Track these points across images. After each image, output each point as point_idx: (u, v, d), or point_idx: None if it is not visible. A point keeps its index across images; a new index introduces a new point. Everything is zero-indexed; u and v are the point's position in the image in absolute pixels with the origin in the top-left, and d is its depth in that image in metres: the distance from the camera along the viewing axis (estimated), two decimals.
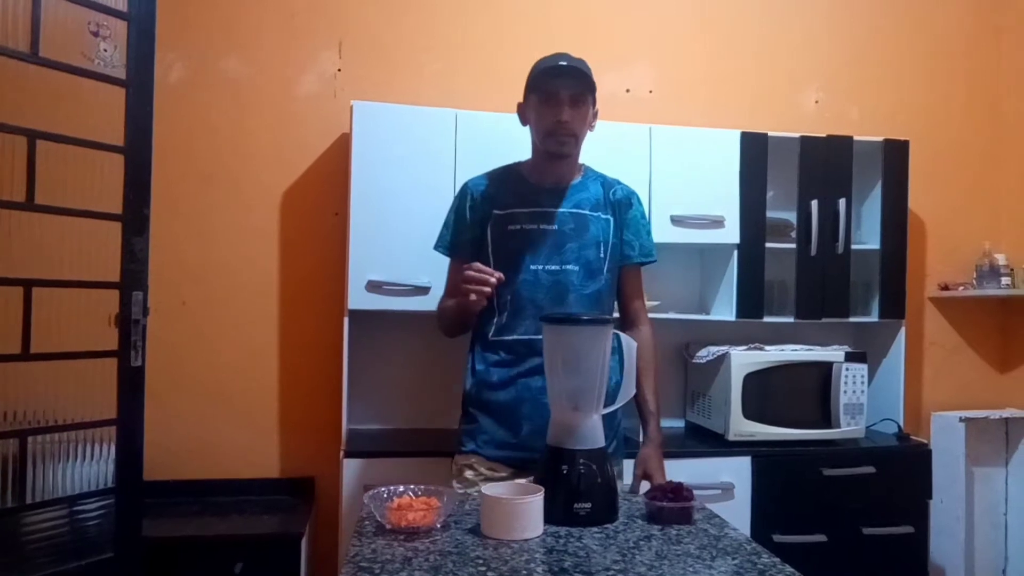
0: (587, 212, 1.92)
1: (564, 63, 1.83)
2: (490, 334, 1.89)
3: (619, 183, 2.02)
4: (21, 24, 1.95)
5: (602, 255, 1.91)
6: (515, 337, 1.87)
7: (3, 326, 1.95)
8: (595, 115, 1.92)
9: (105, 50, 2.12)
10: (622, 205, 1.98)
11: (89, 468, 2.11)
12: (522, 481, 1.59)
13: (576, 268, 1.87)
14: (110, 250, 2.10)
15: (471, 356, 1.96)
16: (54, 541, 2.07)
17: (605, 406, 1.62)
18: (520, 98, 1.95)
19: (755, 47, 3.27)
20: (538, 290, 1.85)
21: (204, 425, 2.81)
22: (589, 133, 1.93)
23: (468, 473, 1.87)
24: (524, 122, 1.95)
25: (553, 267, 1.86)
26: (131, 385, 2.14)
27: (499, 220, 1.90)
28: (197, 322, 2.83)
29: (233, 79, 2.89)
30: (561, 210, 1.90)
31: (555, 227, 1.88)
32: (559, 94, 1.82)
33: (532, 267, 1.86)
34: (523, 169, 1.96)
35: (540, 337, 1.78)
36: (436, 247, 2.00)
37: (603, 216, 1.94)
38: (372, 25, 2.98)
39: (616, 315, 2.03)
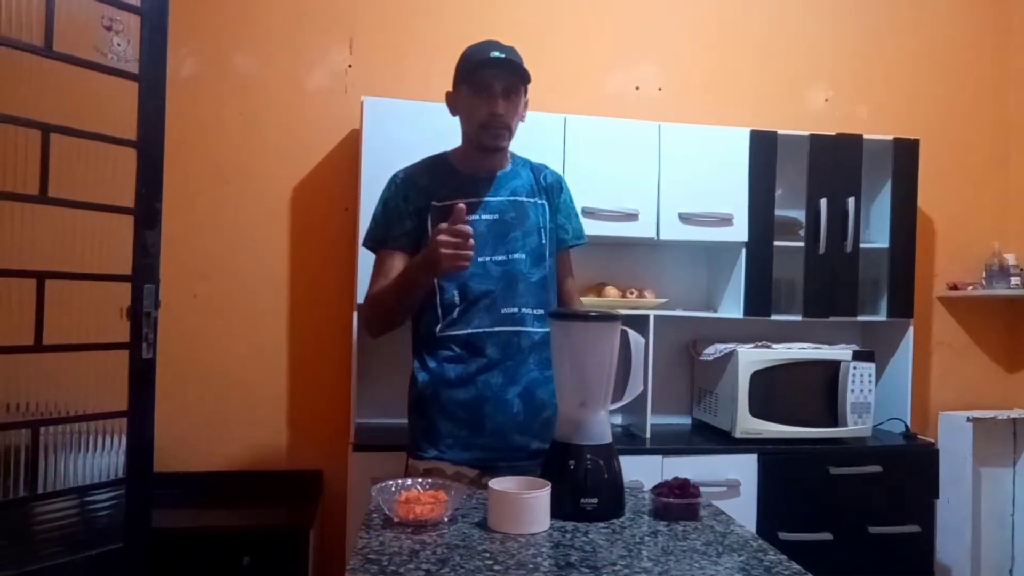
0: (524, 199, 1.88)
1: (498, 54, 1.76)
2: (438, 330, 1.82)
3: (547, 167, 1.99)
4: (35, 19, 1.96)
5: (544, 240, 1.87)
6: (470, 331, 1.80)
7: (16, 318, 1.97)
8: (526, 105, 1.86)
9: (118, 45, 2.13)
10: (553, 189, 1.95)
11: (100, 459, 2.13)
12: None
13: (523, 256, 1.83)
14: (122, 243, 2.12)
15: (417, 355, 1.87)
16: (64, 531, 2.09)
17: (612, 402, 1.63)
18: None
19: (764, 45, 3.27)
20: (488, 281, 1.80)
21: (213, 418, 2.83)
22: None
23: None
24: (454, 112, 1.88)
25: (500, 257, 1.81)
26: (142, 377, 2.16)
27: (439, 212, 1.79)
28: (208, 315, 2.85)
29: (244, 74, 2.91)
30: (500, 198, 1.86)
31: (496, 216, 1.83)
32: (492, 86, 1.77)
33: (480, 259, 1.76)
34: (453, 159, 1.90)
35: (495, 329, 1.79)
36: (366, 243, 1.91)
37: (539, 201, 1.90)
38: (383, 20, 2.99)
39: (620, 312, 2.02)
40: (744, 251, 2.87)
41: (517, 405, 1.80)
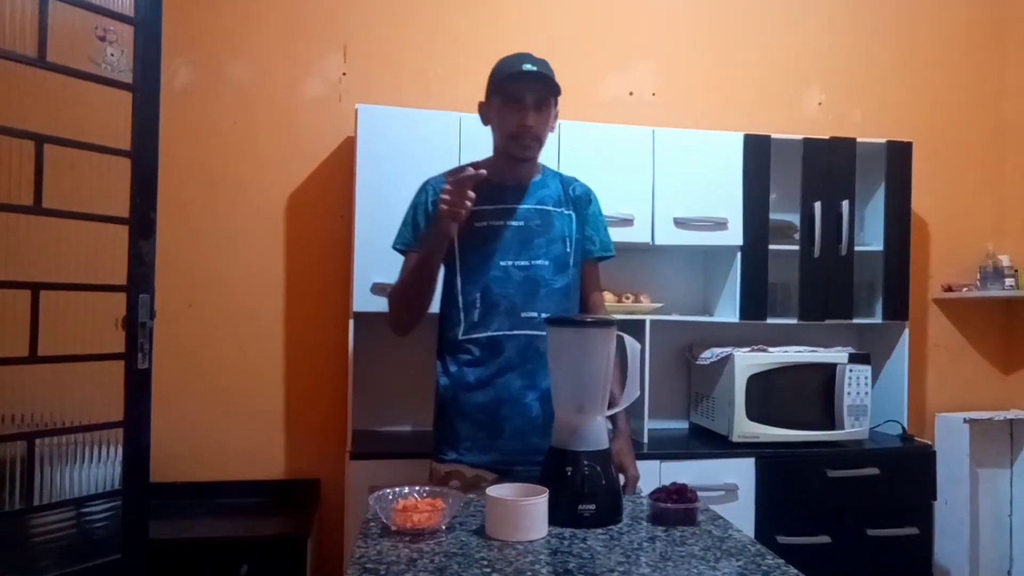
0: (551, 208, 1.91)
1: (530, 67, 1.80)
2: (460, 333, 1.86)
3: (576, 180, 2.02)
4: (29, 29, 1.96)
5: (568, 249, 1.91)
6: (488, 334, 1.83)
7: (11, 329, 1.97)
8: (556, 116, 1.91)
9: (112, 55, 2.13)
10: (581, 201, 1.98)
11: (96, 470, 2.12)
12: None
13: (546, 263, 1.87)
14: (117, 253, 2.11)
15: (441, 360, 1.92)
16: (61, 543, 2.08)
17: (609, 407, 1.63)
18: None
19: (758, 49, 3.28)
20: (509, 286, 1.84)
21: (210, 427, 2.83)
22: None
23: (454, 483, 1.83)
24: (485, 122, 1.92)
25: (523, 262, 1.85)
26: (138, 387, 2.15)
27: (468, 218, 1.80)
28: (203, 325, 2.85)
29: (238, 83, 2.91)
30: (526, 206, 1.89)
31: (522, 223, 1.87)
32: (524, 98, 1.80)
33: (502, 263, 1.84)
34: (484, 167, 1.89)
35: (516, 333, 1.81)
36: (395, 245, 1.93)
37: (566, 212, 1.94)
38: (377, 29, 2.99)
39: (616, 317, 2.02)
40: (739, 255, 2.88)
41: (536, 408, 1.82)
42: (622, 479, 1.87)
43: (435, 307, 1.92)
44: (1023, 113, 3.41)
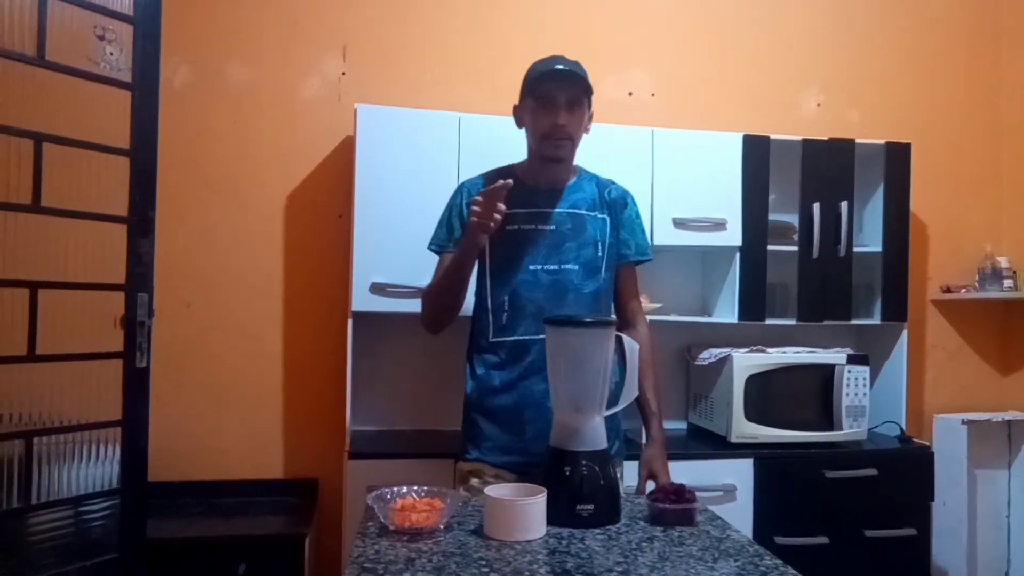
0: (584, 212, 1.92)
1: (561, 67, 1.81)
2: (489, 335, 1.88)
3: (613, 183, 2.02)
4: (27, 28, 1.96)
5: (600, 254, 1.91)
6: (515, 338, 1.85)
7: (9, 328, 1.97)
8: (590, 118, 1.92)
9: (111, 54, 2.13)
10: (617, 205, 1.98)
11: (94, 469, 2.12)
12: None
13: (576, 267, 1.87)
14: (115, 252, 2.12)
15: (470, 361, 1.95)
16: (59, 542, 2.08)
17: (608, 408, 1.63)
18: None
19: (757, 50, 3.28)
20: (537, 290, 1.85)
21: (208, 426, 2.83)
22: (585, 136, 1.92)
23: (474, 481, 1.85)
24: (520, 125, 1.93)
25: (552, 267, 1.86)
26: (136, 386, 2.15)
27: (502, 221, 1.85)
28: (202, 324, 2.84)
29: (237, 83, 2.91)
30: (558, 210, 1.90)
31: (553, 227, 1.88)
32: (556, 98, 1.81)
33: (531, 267, 1.85)
34: (518, 171, 1.94)
35: (541, 337, 1.78)
36: (431, 246, 1.96)
37: (599, 216, 1.94)
38: (376, 29, 2.99)
39: (614, 316, 2.03)
40: (738, 256, 2.88)
41: None
42: (652, 485, 1.87)
43: (467, 310, 1.95)
44: (1021, 114, 3.42)
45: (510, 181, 1.68)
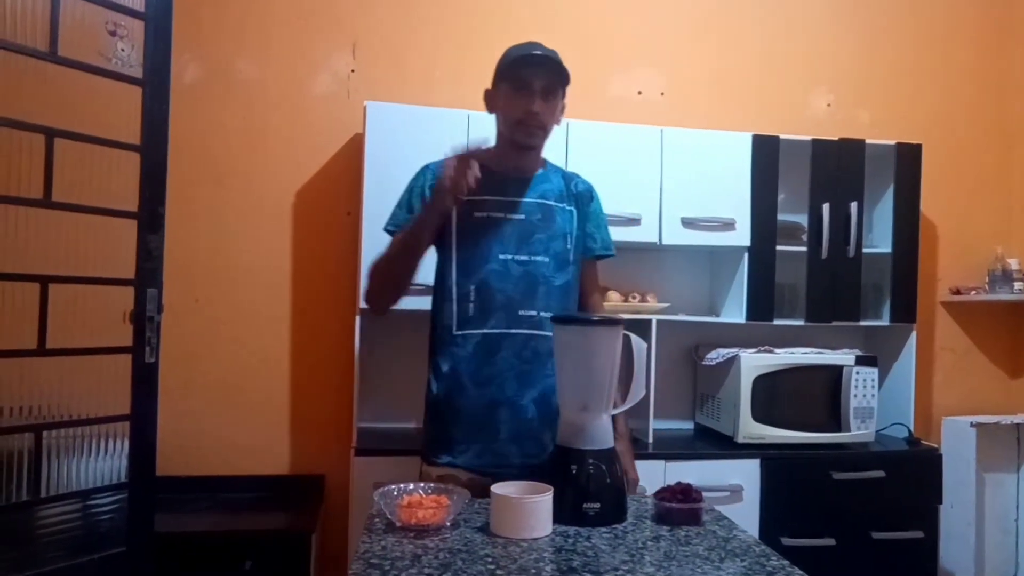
0: (553, 203, 1.87)
1: (538, 52, 1.77)
2: (453, 327, 1.80)
3: (578, 176, 1.98)
4: (40, 24, 1.97)
5: (568, 246, 1.86)
6: (485, 331, 1.78)
7: (20, 322, 1.98)
8: (563, 109, 1.86)
9: (122, 49, 2.14)
10: (583, 198, 1.94)
11: (103, 463, 2.13)
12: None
13: (547, 259, 1.82)
14: (126, 247, 2.12)
15: (433, 357, 1.87)
16: (67, 535, 2.09)
17: (614, 407, 1.63)
18: None
19: (767, 50, 3.27)
20: (508, 280, 1.78)
21: (216, 421, 2.84)
22: (564, 127, 1.88)
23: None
24: (491, 110, 1.88)
25: (523, 257, 1.80)
26: (145, 381, 2.16)
27: (464, 206, 1.77)
28: (210, 320, 2.86)
29: (247, 79, 2.92)
30: (528, 200, 1.84)
31: (523, 216, 1.82)
32: (532, 84, 1.76)
33: (501, 256, 1.79)
34: (486, 157, 1.81)
35: (513, 331, 1.77)
36: (387, 226, 1.87)
37: (567, 208, 1.89)
38: (385, 26, 3.00)
39: (622, 317, 2.01)
40: (746, 256, 2.87)
41: (532, 410, 1.79)
42: None
43: (427, 304, 1.89)
44: None
45: (486, 147, 1.62)
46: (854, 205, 2.93)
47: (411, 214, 1.83)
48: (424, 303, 2.23)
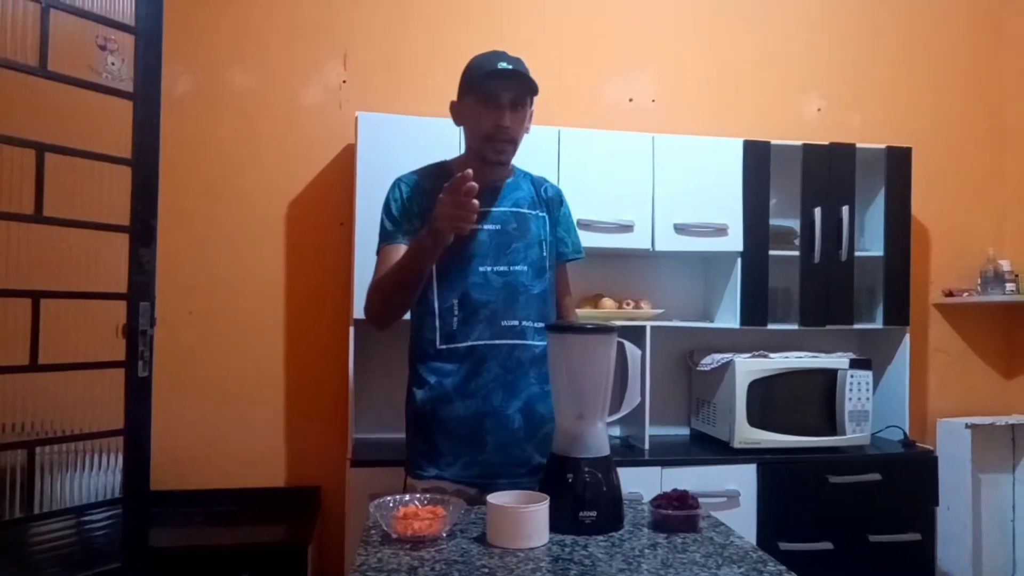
0: (526, 211, 1.86)
1: (505, 64, 1.73)
2: (437, 342, 1.78)
3: (547, 180, 1.98)
4: (30, 38, 1.97)
5: (544, 253, 1.86)
6: (469, 343, 1.76)
7: (12, 337, 1.97)
8: (531, 116, 1.84)
9: (112, 64, 2.14)
10: (554, 203, 1.94)
11: (97, 478, 2.13)
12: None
13: (525, 268, 1.81)
14: (118, 261, 2.12)
15: (415, 369, 1.84)
16: (62, 551, 2.08)
17: (610, 414, 1.63)
18: None
19: (757, 56, 3.29)
20: (489, 292, 1.77)
21: (210, 435, 2.82)
22: (526, 136, 1.84)
23: None
24: (458, 122, 1.87)
25: (502, 268, 1.79)
26: (138, 395, 2.15)
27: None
28: (204, 332, 2.85)
29: (239, 91, 2.92)
30: (502, 209, 1.83)
31: (498, 227, 1.81)
32: (500, 97, 1.74)
33: (481, 269, 1.77)
34: (455, 167, 1.80)
35: (497, 342, 1.77)
36: (381, 244, 1.82)
37: (540, 214, 1.89)
38: (377, 37, 3.00)
39: (616, 324, 2.01)
40: (739, 261, 2.88)
41: (518, 420, 1.78)
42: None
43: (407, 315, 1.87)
44: (1022, 118, 3.42)
45: (470, 172, 1.54)
46: (846, 209, 2.94)
47: (396, 227, 1.81)
48: None
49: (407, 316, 1.86)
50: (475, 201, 1.56)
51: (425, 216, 1.73)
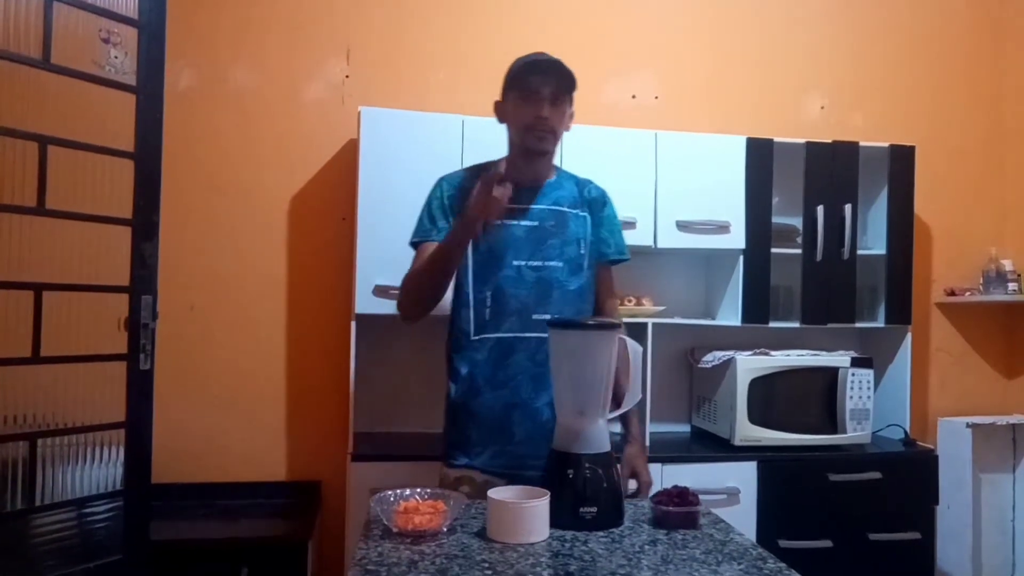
0: (566, 209, 1.91)
1: (544, 58, 1.82)
2: (471, 332, 1.86)
3: (591, 182, 2.02)
4: (33, 31, 1.96)
5: (582, 251, 1.90)
6: (500, 335, 1.83)
7: (14, 329, 1.97)
8: (571, 116, 1.90)
9: (116, 57, 2.13)
10: (597, 203, 1.98)
11: (98, 471, 2.12)
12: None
13: (560, 264, 1.86)
14: (120, 255, 2.12)
15: (452, 360, 1.92)
16: (63, 543, 2.08)
17: (611, 410, 1.63)
18: None
19: (760, 53, 3.28)
20: (521, 286, 1.83)
21: (212, 428, 2.83)
22: (565, 133, 1.91)
23: (464, 488, 1.82)
24: (501, 120, 1.92)
25: (536, 263, 1.85)
26: (140, 388, 2.15)
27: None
28: (205, 326, 2.85)
29: (241, 86, 2.92)
30: (541, 206, 1.89)
31: (536, 223, 1.87)
32: (540, 91, 1.80)
33: (515, 263, 1.84)
34: (500, 166, 1.89)
35: (527, 335, 1.81)
36: (412, 240, 1.91)
37: (581, 213, 1.93)
38: (379, 32, 3.00)
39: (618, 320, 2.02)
40: (742, 258, 2.88)
41: (547, 413, 1.81)
42: (634, 484, 1.89)
43: (445, 308, 1.92)
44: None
45: (503, 169, 1.66)
46: (848, 207, 2.93)
47: (432, 225, 1.88)
48: None
49: (444, 310, 1.92)
50: (505, 190, 1.65)
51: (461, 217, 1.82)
